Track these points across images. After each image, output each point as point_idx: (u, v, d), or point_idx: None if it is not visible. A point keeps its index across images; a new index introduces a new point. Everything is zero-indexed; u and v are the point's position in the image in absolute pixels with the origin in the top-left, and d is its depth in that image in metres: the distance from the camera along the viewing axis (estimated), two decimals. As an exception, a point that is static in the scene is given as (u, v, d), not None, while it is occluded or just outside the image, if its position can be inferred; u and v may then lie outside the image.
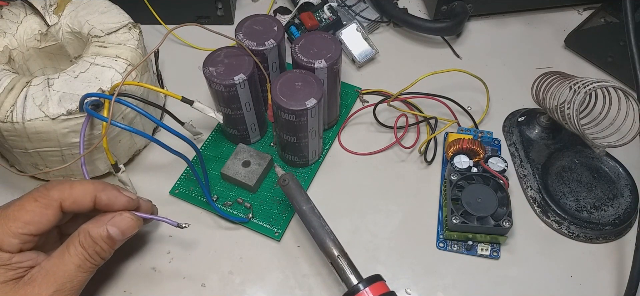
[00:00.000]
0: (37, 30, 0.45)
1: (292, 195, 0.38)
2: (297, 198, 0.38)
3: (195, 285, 0.39)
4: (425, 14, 0.58)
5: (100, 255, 0.34)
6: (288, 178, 0.38)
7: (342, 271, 0.35)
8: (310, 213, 0.37)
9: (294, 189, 0.38)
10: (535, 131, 0.46)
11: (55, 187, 0.34)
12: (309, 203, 0.37)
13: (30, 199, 0.33)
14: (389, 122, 0.47)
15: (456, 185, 0.41)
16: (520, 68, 0.53)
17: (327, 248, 0.36)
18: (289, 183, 0.38)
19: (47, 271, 0.32)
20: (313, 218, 0.37)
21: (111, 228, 0.35)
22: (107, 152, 0.39)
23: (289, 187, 0.38)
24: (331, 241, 0.36)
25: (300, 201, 0.37)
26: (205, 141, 0.47)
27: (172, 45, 0.54)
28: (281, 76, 0.40)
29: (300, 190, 0.38)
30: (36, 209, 0.33)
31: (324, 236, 0.36)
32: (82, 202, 0.34)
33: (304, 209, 0.37)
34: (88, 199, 0.34)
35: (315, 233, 0.37)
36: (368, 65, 0.53)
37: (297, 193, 0.38)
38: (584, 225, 0.41)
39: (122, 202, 0.36)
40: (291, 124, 0.40)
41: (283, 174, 0.39)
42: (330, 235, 0.36)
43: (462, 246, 0.41)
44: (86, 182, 0.35)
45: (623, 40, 0.46)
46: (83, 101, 0.38)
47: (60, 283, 0.32)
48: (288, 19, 0.53)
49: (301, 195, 0.38)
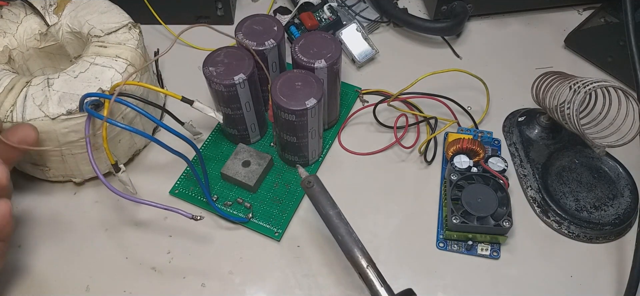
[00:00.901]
0: (37, 30, 0.45)
1: (316, 199, 0.35)
2: (323, 202, 0.35)
3: (195, 285, 0.39)
4: (425, 14, 0.58)
5: None
6: (313, 180, 0.36)
7: (371, 284, 0.33)
8: (337, 218, 0.34)
9: (319, 192, 0.35)
10: (535, 131, 0.46)
11: None
12: (336, 207, 0.35)
13: None
14: (389, 122, 0.47)
15: (456, 185, 0.41)
16: (520, 68, 0.53)
17: (355, 258, 0.33)
18: (313, 185, 0.35)
19: None
20: (340, 225, 0.34)
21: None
22: (107, 152, 0.39)
23: (313, 190, 0.35)
24: (359, 250, 0.33)
25: (325, 205, 0.35)
26: (205, 141, 0.47)
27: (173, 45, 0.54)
28: (281, 76, 0.40)
29: (326, 193, 0.35)
30: None
31: (351, 245, 0.34)
32: None
33: (331, 213, 0.34)
34: None
35: (342, 241, 0.34)
36: (368, 65, 0.53)
37: (322, 196, 0.35)
38: (584, 225, 0.41)
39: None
40: (291, 124, 0.40)
41: (307, 176, 0.36)
42: (358, 244, 0.34)
43: (462, 246, 0.41)
44: None
45: (623, 40, 0.46)
46: (83, 100, 0.38)
47: None
48: (288, 19, 0.53)
49: (327, 199, 0.35)
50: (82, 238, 0.41)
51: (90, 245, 0.41)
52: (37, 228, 0.42)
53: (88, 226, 0.42)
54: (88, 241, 0.41)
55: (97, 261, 0.40)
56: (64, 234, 0.41)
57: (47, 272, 0.40)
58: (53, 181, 0.44)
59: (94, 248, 0.41)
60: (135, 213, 0.43)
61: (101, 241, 0.41)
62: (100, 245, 0.41)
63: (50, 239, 0.41)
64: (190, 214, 0.37)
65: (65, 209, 0.43)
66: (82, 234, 0.42)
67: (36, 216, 0.42)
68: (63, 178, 0.43)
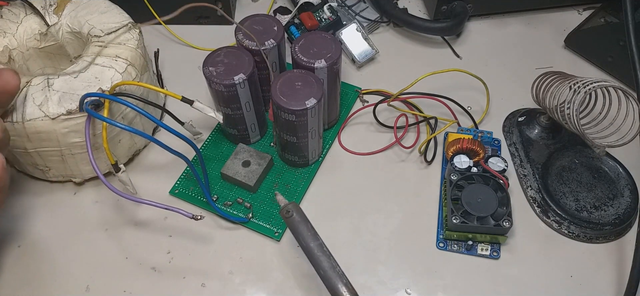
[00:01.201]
0: (37, 30, 0.45)
1: (296, 229, 0.32)
2: (303, 233, 0.32)
3: (195, 285, 0.39)
4: (425, 14, 0.58)
5: None
6: (292, 208, 0.33)
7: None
8: (319, 250, 0.32)
9: (299, 222, 0.32)
10: (535, 131, 0.46)
11: None
12: (317, 239, 0.32)
13: None
14: (389, 122, 0.47)
15: (456, 185, 0.41)
16: (520, 68, 0.53)
17: (340, 294, 0.31)
18: (293, 215, 0.33)
19: None
20: (322, 258, 0.31)
21: None
22: (107, 152, 0.39)
23: (292, 219, 0.33)
24: (344, 286, 0.31)
25: (306, 236, 0.32)
26: (205, 141, 0.47)
27: (172, 45, 0.54)
28: (281, 76, 0.40)
29: (306, 223, 0.33)
30: None
31: (335, 280, 0.31)
32: None
33: (312, 246, 0.32)
34: None
35: (325, 276, 0.31)
36: (368, 65, 0.53)
37: (302, 226, 0.32)
38: (584, 225, 0.41)
39: None
40: (291, 124, 0.40)
41: (286, 204, 0.33)
42: (342, 278, 0.31)
43: (462, 246, 0.41)
44: None
45: (623, 40, 0.46)
46: (83, 100, 0.38)
47: None
48: (288, 19, 0.53)
49: (307, 230, 0.32)
50: (82, 238, 0.41)
51: (90, 245, 0.41)
52: (37, 228, 0.42)
53: (88, 226, 0.42)
54: (88, 241, 0.41)
55: (97, 261, 0.40)
56: (63, 234, 0.41)
57: (47, 272, 0.40)
58: (53, 181, 0.44)
59: (94, 248, 0.41)
60: (135, 213, 0.43)
61: (101, 241, 0.41)
62: (100, 245, 0.41)
63: (50, 239, 0.41)
64: (191, 214, 0.37)
65: (65, 209, 0.43)
66: (81, 234, 0.42)
67: (36, 216, 0.42)
68: (63, 178, 0.43)
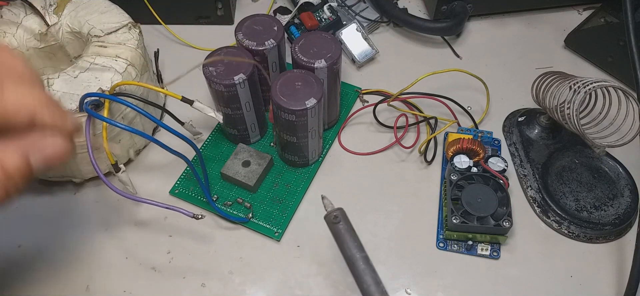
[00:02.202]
0: (37, 30, 0.45)
1: (342, 238, 0.30)
2: (348, 242, 0.30)
3: (195, 285, 0.39)
4: (425, 14, 0.58)
5: (7, 190, 0.26)
6: (340, 215, 0.30)
7: None
8: (365, 263, 0.29)
9: (346, 230, 0.30)
10: (535, 131, 0.46)
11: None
12: (363, 250, 0.30)
13: None
14: (389, 122, 0.47)
15: (456, 185, 0.41)
16: (520, 68, 0.53)
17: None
18: (340, 222, 0.30)
19: None
20: (367, 271, 0.29)
21: (34, 157, 0.26)
22: (107, 152, 0.39)
23: (339, 228, 0.30)
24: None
25: (352, 246, 0.29)
26: (205, 141, 0.47)
27: (172, 45, 0.54)
28: (281, 76, 0.40)
29: (353, 233, 0.30)
30: None
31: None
32: (15, 119, 0.25)
33: (358, 257, 0.29)
34: (23, 116, 0.26)
35: (367, 291, 0.29)
36: (368, 65, 0.53)
37: (348, 236, 0.30)
38: (584, 225, 0.41)
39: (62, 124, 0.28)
40: (291, 124, 0.40)
41: (333, 209, 0.31)
42: (385, 295, 0.29)
43: (462, 246, 0.41)
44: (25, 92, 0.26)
45: (623, 40, 0.46)
46: (83, 100, 0.38)
47: None
48: (288, 19, 0.53)
49: (354, 240, 0.30)
50: (82, 238, 0.41)
51: (90, 245, 0.41)
52: (37, 228, 0.42)
53: (88, 226, 0.42)
54: (88, 241, 0.41)
55: (97, 261, 0.40)
56: (64, 234, 0.41)
57: (47, 272, 0.40)
58: (53, 181, 0.44)
59: (94, 248, 0.41)
60: (135, 213, 0.43)
61: (101, 241, 0.41)
62: (100, 245, 0.41)
63: (50, 239, 0.41)
64: (192, 213, 0.37)
65: (65, 209, 0.43)
66: (82, 234, 0.41)
67: (36, 216, 0.42)
68: (63, 178, 0.43)
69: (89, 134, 0.38)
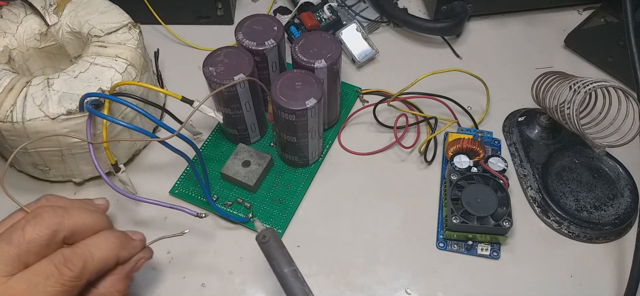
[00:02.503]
0: (37, 30, 0.45)
1: (271, 255, 0.32)
2: (278, 258, 0.32)
3: (195, 285, 0.39)
4: (425, 14, 0.58)
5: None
6: (269, 234, 0.33)
7: None
8: (293, 277, 0.31)
9: (275, 248, 0.32)
10: (535, 131, 0.46)
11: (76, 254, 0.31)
12: (292, 265, 0.32)
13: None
14: (389, 122, 0.47)
15: (456, 185, 0.40)
16: (520, 68, 0.53)
17: None
18: (269, 240, 0.33)
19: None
20: (296, 285, 0.31)
21: (133, 274, 0.34)
22: (107, 152, 0.39)
23: (268, 245, 0.32)
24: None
25: (281, 262, 0.32)
26: (205, 141, 0.47)
27: (172, 45, 0.54)
28: (281, 76, 0.40)
29: (282, 249, 0.33)
30: None
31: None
32: (107, 267, 0.33)
33: (286, 272, 0.32)
34: (112, 263, 0.33)
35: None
36: (368, 65, 0.53)
37: (278, 252, 0.32)
38: (584, 225, 0.41)
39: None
40: (291, 124, 0.40)
41: (263, 230, 0.33)
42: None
43: (462, 246, 0.41)
44: (108, 244, 0.33)
45: (623, 40, 0.46)
46: (83, 100, 0.38)
47: None
48: (288, 19, 0.53)
49: (283, 255, 0.32)
50: (82, 238, 0.41)
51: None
52: (37, 228, 0.42)
53: (88, 226, 0.42)
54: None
55: (97, 261, 0.40)
56: (64, 234, 0.41)
57: (47, 272, 0.40)
58: (53, 181, 0.44)
59: (94, 248, 0.41)
60: (135, 213, 0.43)
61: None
62: (100, 245, 0.41)
63: (50, 239, 0.41)
64: (195, 212, 0.37)
65: (65, 209, 0.43)
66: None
67: (36, 216, 0.42)
68: (63, 178, 0.43)
69: (90, 133, 0.38)
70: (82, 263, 0.31)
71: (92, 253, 0.31)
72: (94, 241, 0.32)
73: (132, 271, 0.34)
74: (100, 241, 0.32)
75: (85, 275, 0.31)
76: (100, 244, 0.32)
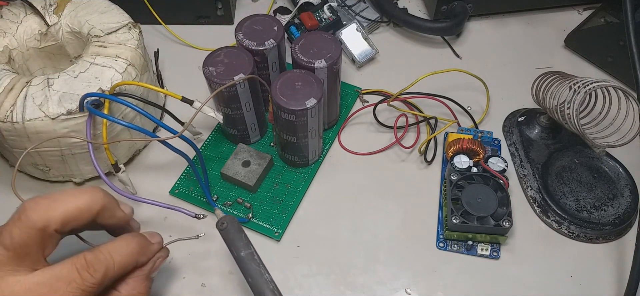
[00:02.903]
0: (37, 30, 0.45)
1: (229, 240, 0.34)
2: (236, 243, 0.34)
3: (195, 285, 0.39)
4: (425, 14, 0.58)
5: None
6: (227, 221, 0.35)
7: None
8: (249, 259, 0.33)
9: (233, 233, 0.34)
10: (535, 131, 0.46)
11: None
12: (249, 248, 0.34)
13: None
14: (389, 122, 0.47)
15: (456, 185, 0.40)
16: (520, 68, 0.53)
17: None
18: (227, 226, 0.35)
19: None
20: (251, 265, 0.33)
21: (153, 274, 0.35)
22: (108, 152, 0.39)
23: (227, 231, 0.34)
24: (270, 292, 0.33)
25: (238, 246, 0.34)
26: (205, 141, 0.47)
27: (172, 45, 0.54)
28: (281, 76, 0.40)
29: (240, 235, 0.34)
30: None
31: (262, 285, 0.33)
32: (127, 270, 0.33)
33: (242, 255, 0.34)
34: (131, 265, 0.33)
35: (253, 284, 0.33)
36: (368, 65, 0.53)
37: (236, 237, 0.34)
38: (584, 225, 0.41)
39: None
40: (291, 124, 0.40)
41: (222, 216, 0.35)
42: (269, 284, 0.33)
43: (462, 246, 0.41)
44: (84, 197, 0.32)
45: (623, 40, 0.46)
46: (83, 100, 0.38)
47: None
48: (288, 19, 0.53)
49: (240, 240, 0.34)
50: (82, 238, 0.41)
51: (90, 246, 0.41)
52: (37, 228, 0.42)
53: (88, 226, 0.42)
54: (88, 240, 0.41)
55: (97, 261, 0.40)
56: (64, 234, 0.41)
57: (47, 272, 0.40)
58: (53, 181, 0.44)
59: (94, 248, 0.41)
60: (135, 213, 0.42)
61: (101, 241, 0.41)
62: (100, 245, 0.41)
63: (50, 239, 0.41)
64: (193, 213, 0.37)
65: (65, 209, 0.43)
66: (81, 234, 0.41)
67: (36, 216, 0.42)
68: (63, 178, 0.43)
69: (89, 133, 0.38)
70: (105, 269, 0.31)
71: (113, 258, 0.32)
72: (116, 245, 0.32)
73: (151, 272, 0.34)
74: (122, 245, 0.33)
75: (106, 279, 0.31)
76: (121, 248, 0.32)
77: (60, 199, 0.31)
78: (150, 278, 0.35)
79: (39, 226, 0.30)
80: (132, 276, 0.33)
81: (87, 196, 0.32)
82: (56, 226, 0.30)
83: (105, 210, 0.33)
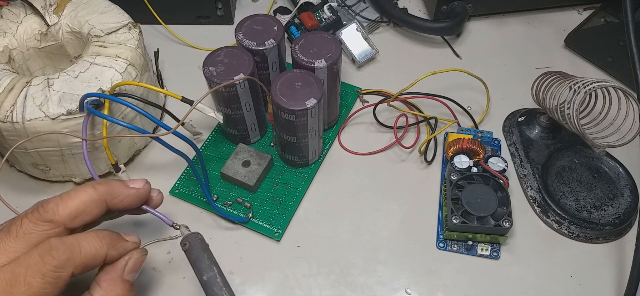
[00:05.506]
0: (37, 30, 0.45)
1: (193, 261, 0.33)
2: (198, 264, 0.32)
3: (195, 285, 0.39)
4: (425, 14, 0.58)
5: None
6: (190, 240, 0.33)
7: None
8: (212, 282, 0.32)
9: (196, 253, 0.33)
10: (535, 131, 0.46)
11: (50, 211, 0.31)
12: (211, 270, 0.32)
13: None
14: (389, 122, 0.47)
15: (456, 185, 0.41)
16: (520, 68, 0.53)
17: None
18: (188, 247, 0.33)
19: None
20: (213, 290, 0.32)
21: (129, 276, 0.33)
22: (108, 151, 0.39)
23: (189, 251, 0.33)
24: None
25: (201, 268, 0.32)
26: (205, 141, 0.47)
27: (172, 45, 0.54)
28: (281, 76, 0.40)
29: (203, 255, 0.33)
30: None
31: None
32: (94, 264, 0.32)
33: (204, 279, 0.32)
34: (100, 260, 0.32)
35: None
36: (368, 65, 0.53)
37: (199, 258, 0.33)
38: (584, 225, 0.41)
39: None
40: (291, 124, 0.40)
41: (187, 234, 0.34)
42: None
43: (462, 246, 0.41)
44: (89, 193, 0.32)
45: (623, 40, 0.46)
46: (83, 100, 0.38)
47: None
48: (288, 19, 0.53)
49: (202, 261, 0.33)
50: (82, 238, 0.41)
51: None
52: (37, 228, 0.42)
53: (88, 226, 0.42)
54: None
55: (97, 261, 0.40)
56: (64, 234, 0.41)
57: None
58: (53, 181, 0.44)
59: (94, 248, 0.41)
60: (135, 213, 0.43)
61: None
62: (100, 245, 0.41)
63: (50, 239, 0.41)
64: (171, 221, 0.35)
65: (65, 209, 0.43)
66: (82, 234, 0.41)
67: (36, 216, 0.42)
68: (63, 178, 0.43)
69: (85, 131, 0.38)
70: (69, 253, 0.30)
71: (80, 244, 0.30)
72: (85, 234, 0.32)
73: (127, 274, 0.33)
74: (91, 235, 0.32)
75: (69, 266, 0.29)
76: (90, 238, 0.31)
77: (67, 196, 0.32)
78: (128, 281, 0.32)
79: (47, 218, 0.31)
80: (105, 278, 0.32)
81: (89, 187, 0.33)
82: (63, 220, 0.31)
83: (112, 195, 0.33)
